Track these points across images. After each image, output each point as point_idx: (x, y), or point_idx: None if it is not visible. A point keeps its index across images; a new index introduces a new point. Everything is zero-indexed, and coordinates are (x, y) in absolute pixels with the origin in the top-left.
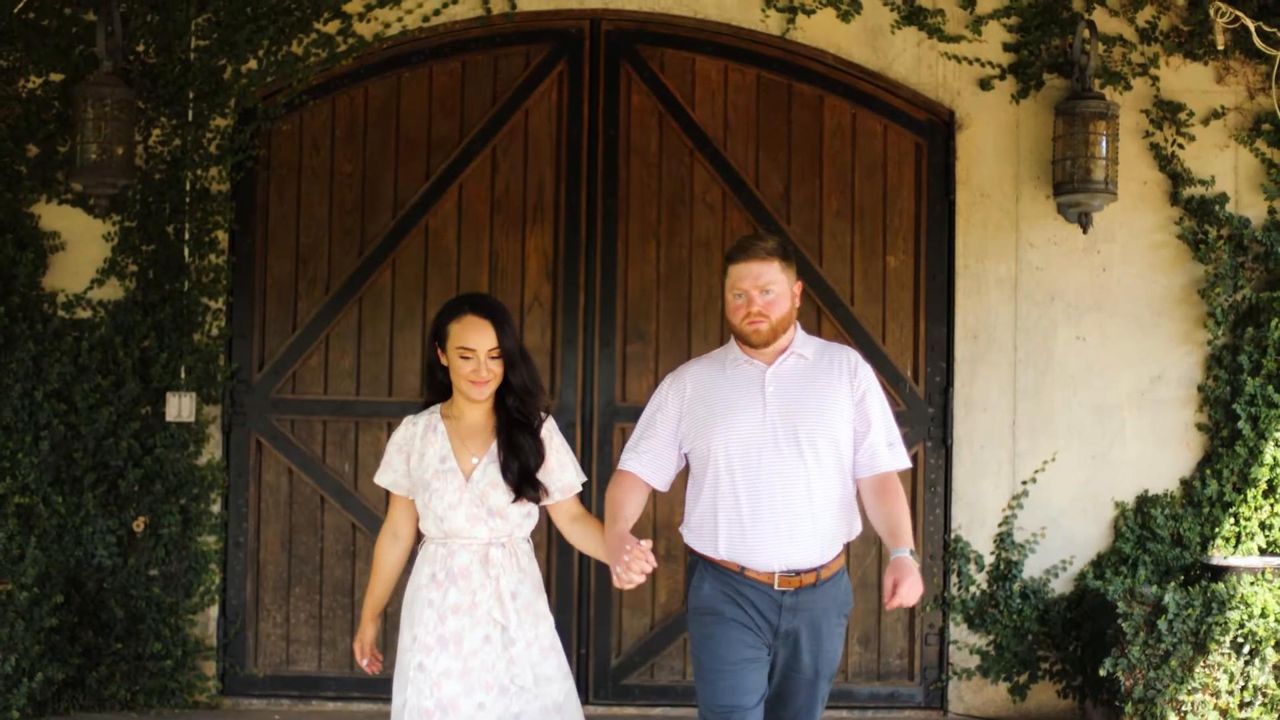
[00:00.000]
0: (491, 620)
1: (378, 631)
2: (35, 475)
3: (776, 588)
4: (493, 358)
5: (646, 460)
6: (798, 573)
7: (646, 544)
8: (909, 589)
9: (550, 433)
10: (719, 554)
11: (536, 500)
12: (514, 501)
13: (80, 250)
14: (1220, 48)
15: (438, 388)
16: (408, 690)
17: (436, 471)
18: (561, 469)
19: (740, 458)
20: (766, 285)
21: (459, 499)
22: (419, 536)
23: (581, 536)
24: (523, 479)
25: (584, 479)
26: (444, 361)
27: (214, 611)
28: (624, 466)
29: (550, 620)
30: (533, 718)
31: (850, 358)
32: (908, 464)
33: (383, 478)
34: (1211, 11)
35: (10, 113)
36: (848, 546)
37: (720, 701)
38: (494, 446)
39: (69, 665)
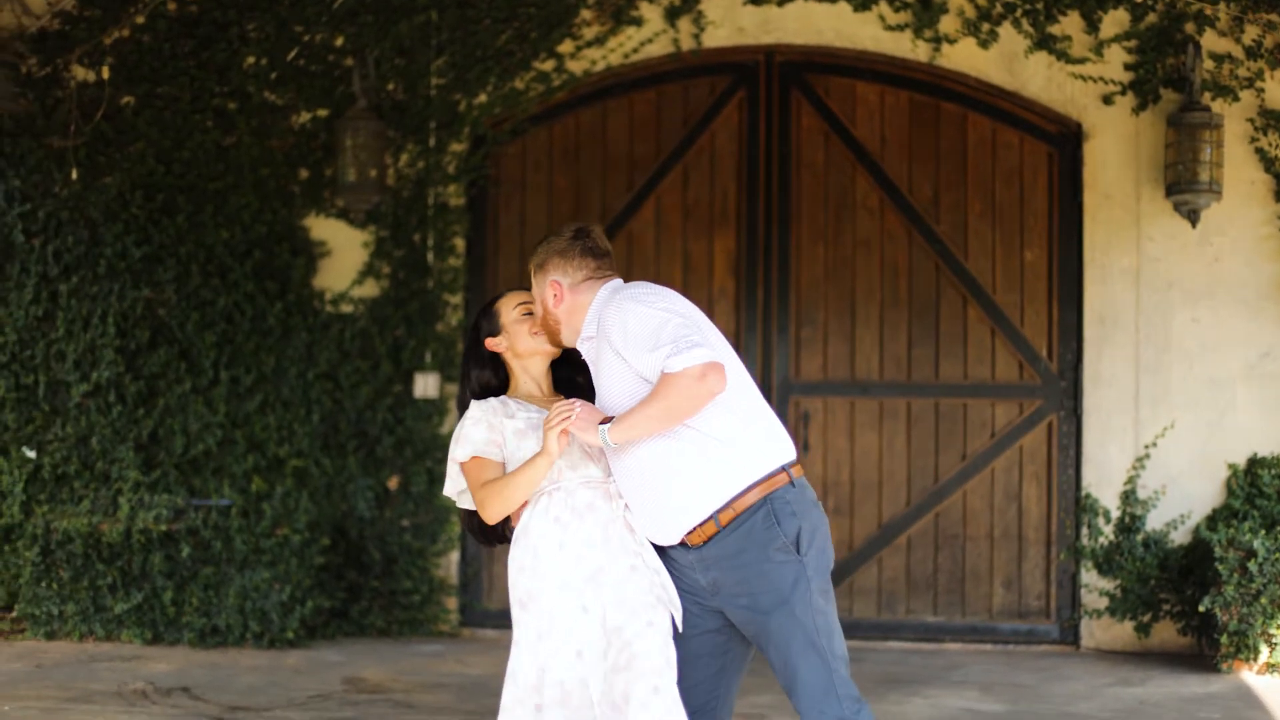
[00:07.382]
0: (628, 550)
1: None
2: (308, 442)
3: (686, 546)
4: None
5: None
6: (688, 532)
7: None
8: (570, 418)
9: None
10: None
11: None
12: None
13: (343, 256)
14: None
15: (491, 389)
16: (562, 634)
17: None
18: None
19: (600, 456)
20: (531, 305)
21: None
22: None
23: None
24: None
25: None
26: (496, 348)
27: (455, 556)
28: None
29: None
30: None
31: (598, 306)
32: (680, 366)
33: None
34: None
35: (285, 143)
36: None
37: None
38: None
39: (335, 598)
